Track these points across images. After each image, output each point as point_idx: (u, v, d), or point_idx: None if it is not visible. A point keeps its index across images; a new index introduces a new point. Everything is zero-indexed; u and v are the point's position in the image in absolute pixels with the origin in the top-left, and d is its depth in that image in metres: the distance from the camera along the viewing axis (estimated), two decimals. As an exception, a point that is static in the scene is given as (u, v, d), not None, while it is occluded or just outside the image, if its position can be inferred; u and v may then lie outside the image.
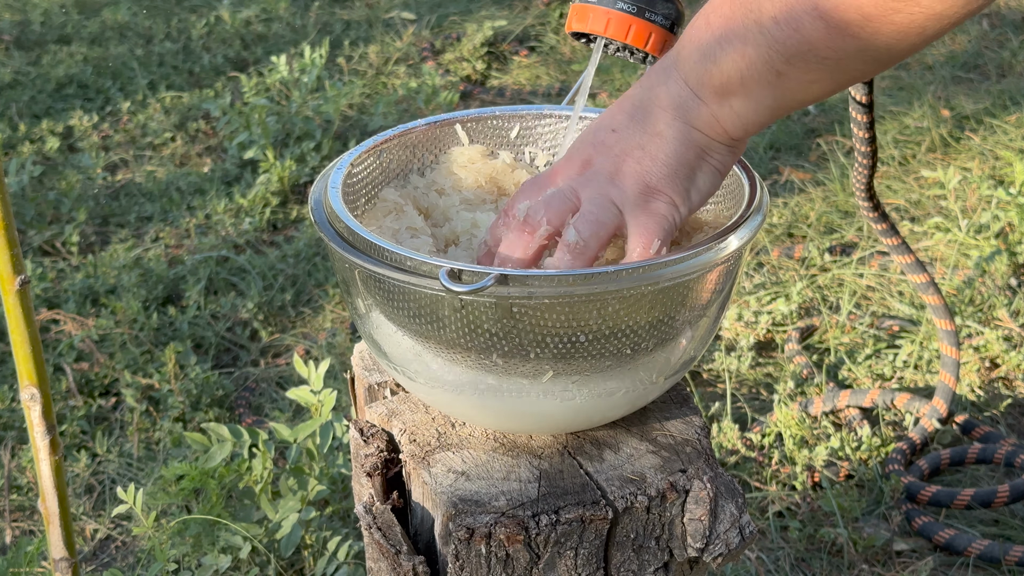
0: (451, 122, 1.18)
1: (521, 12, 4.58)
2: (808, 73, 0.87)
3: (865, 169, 1.84)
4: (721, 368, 2.45)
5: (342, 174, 1.06)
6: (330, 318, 2.75)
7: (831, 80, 0.89)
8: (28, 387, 1.29)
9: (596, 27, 1.07)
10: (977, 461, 2.20)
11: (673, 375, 1.02)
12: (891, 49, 0.85)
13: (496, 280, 0.88)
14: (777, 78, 0.88)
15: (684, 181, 0.94)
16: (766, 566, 1.96)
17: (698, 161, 0.94)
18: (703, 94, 0.92)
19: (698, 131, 0.93)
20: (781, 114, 0.93)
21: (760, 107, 0.91)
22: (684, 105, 0.93)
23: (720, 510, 0.99)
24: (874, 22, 0.83)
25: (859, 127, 1.75)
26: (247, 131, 3.38)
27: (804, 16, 0.84)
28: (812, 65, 0.87)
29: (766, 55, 0.87)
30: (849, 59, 0.86)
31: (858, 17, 0.83)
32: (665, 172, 0.93)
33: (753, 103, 0.91)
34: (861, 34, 0.84)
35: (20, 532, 2.14)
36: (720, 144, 0.94)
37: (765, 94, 0.90)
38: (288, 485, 1.82)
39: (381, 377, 1.13)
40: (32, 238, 3.09)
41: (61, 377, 2.51)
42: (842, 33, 0.84)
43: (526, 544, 0.94)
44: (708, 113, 0.92)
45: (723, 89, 0.91)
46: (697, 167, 0.94)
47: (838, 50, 0.85)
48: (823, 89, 0.90)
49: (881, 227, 1.96)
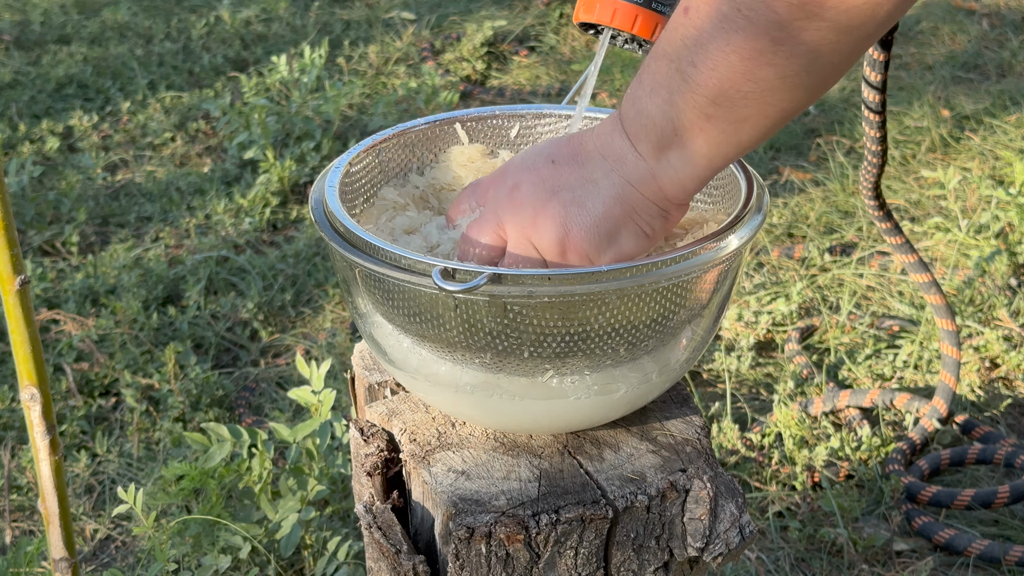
0: (451, 121, 1.18)
1: (521, 12, 4.58)
2: (735, 111, 0.87)
3: (874, 168, 1.83)
4: (721, 368, 2.45)
5: (340, 173, 1.06)
6: (330, 318, 2.75)
7: (761, 116, 0.88)
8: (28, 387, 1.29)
9: (603, 17, 1.07)
10: (977, 461, 2.20)
11: (673, 375, 1.02)
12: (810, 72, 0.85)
13: (489, 279, 0.88)
14: (707, 122, 0.88)
15: (605, 237, 0.93)
16: (766, 566, 1.96)
17: (625, 219, 0.93)
18: (642, 149, 0.91)
19: (633, 187, 0.92)
20: (718, 166, 0.92)
21: (696, 158, 0.90)
22: (623, 159, 0.92)
23: (720, 510, 0.99)
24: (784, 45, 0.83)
25: (871, 126, 1.74)
26: (247, 131, 3.38)
27: (718, 53, 0.85)
28: (737, 102, 0.86)
29: (692, 100, 0.87)
30: (773, 88, 0.86)
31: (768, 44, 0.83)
32: (587, 224, 0.92)
33: (689, 154, 0.90)
34: (775, 61, 0.84)
35: (20, 532, 2.14)
36: (654, 206, 0.93)
37: (699, 142, 0.89)
38: (288, 485, 1.82)
39: (381, 377, 1.13)
40: (32, 238, 3.09)
41: (61, 377, 2.51)
42: (757, 62, 0.84)
43: (526, 543, 0.94)
44: (646, 169, 0.92)
45: (659, 143, 0.90)
46: (623, 226, 0.93)
47: (758, 80, 0.85)
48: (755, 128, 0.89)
49: (885, 226, 1.96)
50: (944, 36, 4.13)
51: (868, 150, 1.80)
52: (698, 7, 0.85)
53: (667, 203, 0.93)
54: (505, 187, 0.96)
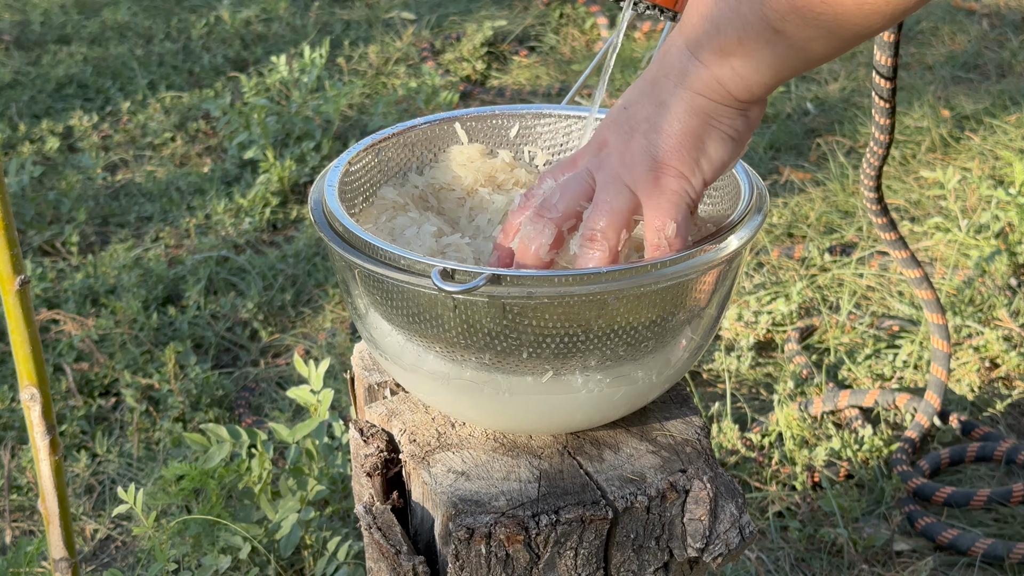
0: (450, 121, 1.18)
1: (521, 12, 4.58)
2: (805, 30, 0.86)
3: (878, 158, 1.83)
4: (721, 368, 2.45)
5: (339, 173, 1.06)
6: (330, 318, 2.75)
7: (831, 37, 0.86)
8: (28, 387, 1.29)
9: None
10: (976, 459, 2.20)
11: (673, 375, 1.02)
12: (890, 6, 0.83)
13: (488, 280, 0.88)
14: (775, 35, 0.87)
15: (692, 151, 0.92)
16: (766, 566, 1.96)
17: (705, 128, 0.92)
18: (702, 56, 0.90)
19: (701, 96, 0.91)
20: (786, 75, 0.90)
21: (761, 66, 0.89)
22: (684, 71, 0.91)
23: (720, 510, 0.99)
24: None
25: (881, 113, 1.73)
26: (247, 131, 3.38)
27: None
28: (809, 22, 0.85)
29: (761, 13, 0.86)
30: (847, 13, 0.84)
31: None
32: (671, 144, 0.91)
33: (754, 63, 0.89)
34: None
35: (20, 532, 2.14)
36: (727, 108, 0.92)
37: (765, 53, 0.88)
38: (288, 485, 1.82)
39: (381, 377, 1.13)
40: (32, 238, 3.09)
41: (61, 377, 2.51)
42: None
43: (526, 544, 0.94)
44: (709, 76, 0.90)
45: (721, 50, 0.89)
46: (704, 134, 0.92)
47: (834, 4, 0.84)
48: (825, 48, 0.88)
49: (882, 220, 1.97)
50: (944, 36, 4.13)
51: (874, 138, 1.79)
52: None
53: (740, 103, 0.92)
54: (592, 148, 0.96)
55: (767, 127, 3.56)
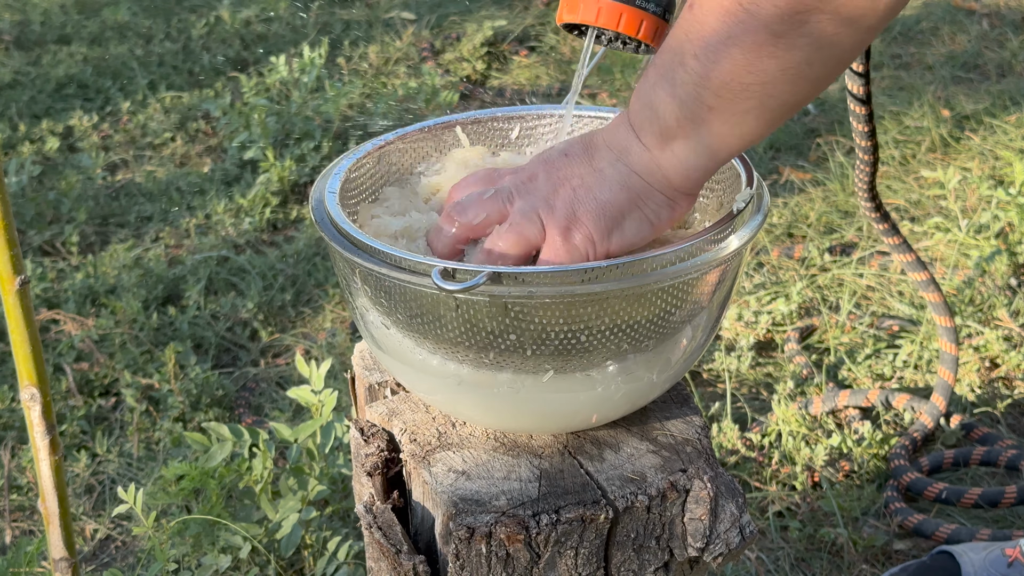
0: (451, 124, 1.18)
1: (521, 12, 4.58)
2: (737, 103, 0.89)
3: (867, 166, 1.84)
4: (721, 368, 2.45)
5: (340, 179, 1.06)
6: (330, 318, 2.75)
7: (763, 108, 0.89)
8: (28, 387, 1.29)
9: (587, 16, 1.07)
10: (981, 463, 2.20)
11: (673, 375, 1.02)
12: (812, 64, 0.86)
13: (489, 278, 0.88)
14: (709, 113, 0.89)
15: (609, 221, 0.94)
16: (766, 566, 1.96)
17: (630, 207, 0.95)
18: (647, 140, 0.93)
19: (637, 176, 0.94)
20: (723, 157, 0.94)
21: (700, 148, 0.92)
22: (628, 149, 0.94)
23: (720, 510, 0.99)
24: (785, 38, 0.85)
25: (858, 120, 1.75)
26: (247, 131, 3.38)
27: (720, 46, 0.86)
28: (739, 93, 0.88)
29: (694, 92, 0.89)
30: (774, 80, 0.87)
31: (769, 37, 0.85)
32: (593, 207, 0.94)
33: (692, 144, 0.92)
34: (776, 52, 0.85)
35: (20, 532, 2.14)
36: (659, 194, 0.95)
37: (702, 133, 0.91)
38: (288, 485, 1.82)
39: (381, 377, 1.13)
40: (32, 238, 3.09)
41: (61, 377, 2.51)
42: (759, 54, 0.86)
43: (526, 544, 0.94)
44: (649, 159, 0.94)
45: (662, 134, 0.92)
46: (628, 212, 0.95)
47: (759, 72, 0.86)
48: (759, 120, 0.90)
49: (883, 227, 1.97)
50: (944, 36, 4.13)
51: (859, 147, 1.81)
52: (702, 3, 0.87)
53: (674, 192, 0.95)
54: (522, 176, 0.99)
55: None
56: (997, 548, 1.85)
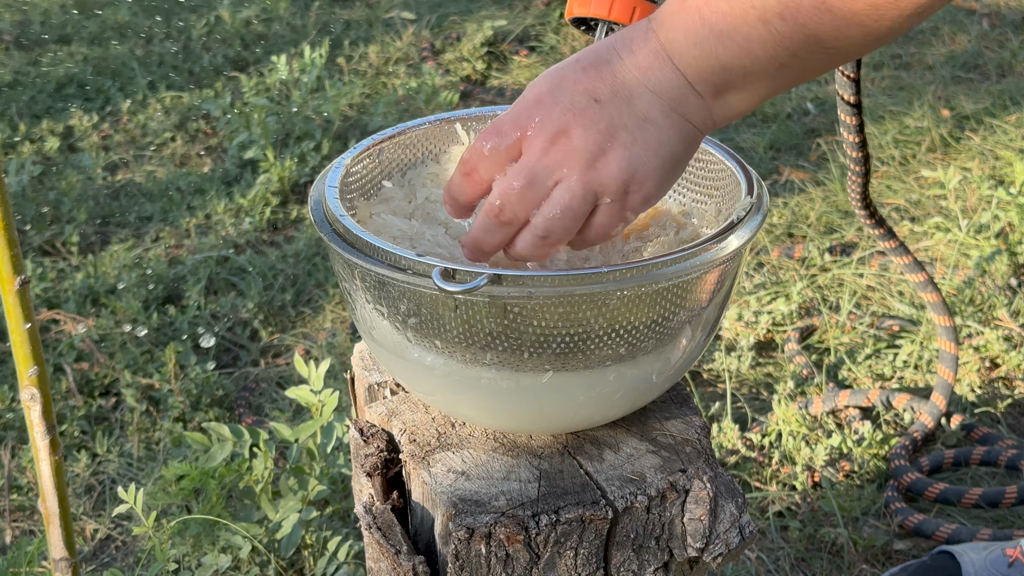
0: (451, 121, 1.18)
1: (521, 12, 4.58)
2: (809, 63, 0.88)
3: (859, 176, 1.84)
4: (721, 368, 2.45)
5: (340, 174, 1.06)
6: (330, 318, 2.75)
7: (829, 65, 0.89)
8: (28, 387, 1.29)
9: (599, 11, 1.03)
10: (981, 463, 2.20)
11: (673, 375, 1.02)
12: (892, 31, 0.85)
13: (489, 280, 0.88)
14: (780, 71, 0.88)
15: (670, 175, 0.92)
16: (766, 566, 1.96)
17: (687, 154, 0.92)
18: (703, 90, 0.89)
19: (692, 125, 0.91)
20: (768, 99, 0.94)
21: (754, 97, 0.91)
22: (682, 98, 0.89)
23: (720, 510, 0.99)
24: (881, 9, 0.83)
25: (849, 130, 1.75)
26: (247, 131, 3.38)
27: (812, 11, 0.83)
28: (816, 55, 0.87)
29: (772, 52, 0.86)
30: (852, 46, 0.86)
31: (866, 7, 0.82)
32: (656, 165, 0.90)
33: (749, 94, 0.91)
34: (867, 22, 0.84)
35: (20, 532, 2.14)
36: (703, 135, 0.94)
37: (764, 85, 0.90)
38: (288, 485, 1.82)
39: (381, 377, 1.13)
40: (32, 238, 3.09)
41: (61, 377, 2.51)
42: (849, 23, 0.84)
43: (526, 544, 0.94)
44: (705, 108, 0.91)
45: (724, 85, 0.89)
46: (684, 160, 0.93)
47: (844, 39, 0.85)
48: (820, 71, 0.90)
49: (879, 232, 1.97)
50: (944, 36, 4.13)
51: (849, 157, 1.81)
52: None
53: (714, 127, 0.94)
54: (547, 131, 0.89)
55: (767, 127, 3.56)
56: (997, 548, 1.85)
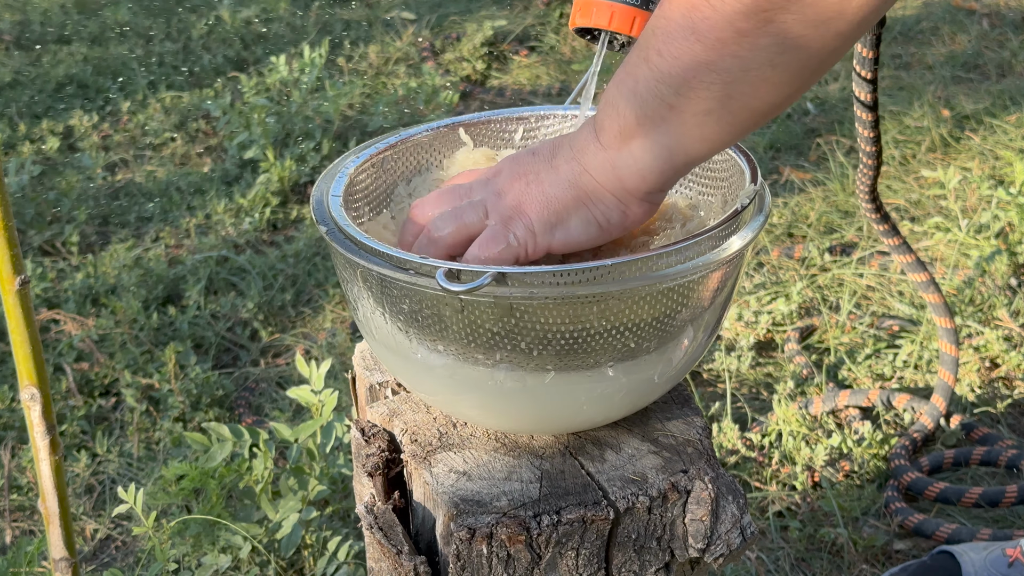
0: (454, 127, 1.18)
1: (521, 12, 4.58)
2: (698, 102, 0.86)
3: (870, 171, 1.84)
4: (721, 368, 2.45)
5: (344, 183, 1.06)
6: (330, 318, 2.75)
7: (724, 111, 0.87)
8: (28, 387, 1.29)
9: (600, 21, 1.07)
10: (981, 463, 2.20)
11: (674, 375, 1.02)
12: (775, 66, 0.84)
13: (493, 279, 0.88)
14: (669, 112, 0.88)
15: (553, 216, 0.94)
16: (766, 566, 1.96)
17: (577, 205, 0.94)
18: (604, 139, 0.92)
19: (589, 175, 0.93)
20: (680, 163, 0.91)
21: (658, 148, 0.90)
22: (585, 148, 0.94)
23: (721, 510, 0.99)
24: (748, 37, 0.82)
25: (864, 126, 1.75)
26: (247, 131, 3.38)
27: (682, 42, 0.84)
28: (699, 91, 0.86)
29: (655, 89, 0.87)
30: (736, 80, 0.85)
31: (732, 34, 0.82)
32: (540, 200, 0.94)
33: (650, 144, 0.90)
34: (740, 51, 0.83)
35: (20, 532, 2.14)
36: (610, 196, 0.93)
37: (660, 132, 0.89)
38: (288, 485, 1.82)
39: (382, 377, 1.13)
40: (32, 238, 3.09)
41: (61, 377, 2.51)
42: (721, 52, 0.83)
43: (527, 544, 0.94)
44: (604, 158, 0.92)
45: (622, 132, 0.90)
46: (574, 211, 0.94)
47: (722, 71, 0.84)
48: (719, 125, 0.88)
49: (883, 228, 1.97)
50: (944, 36, 4.13)
51: (863, 151, 1.81)
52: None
53: (627, 195, 0.93)
54: (488, 174, 1.00)
55: (767, 127, 3.56)
56: (998, 548, 1.85)
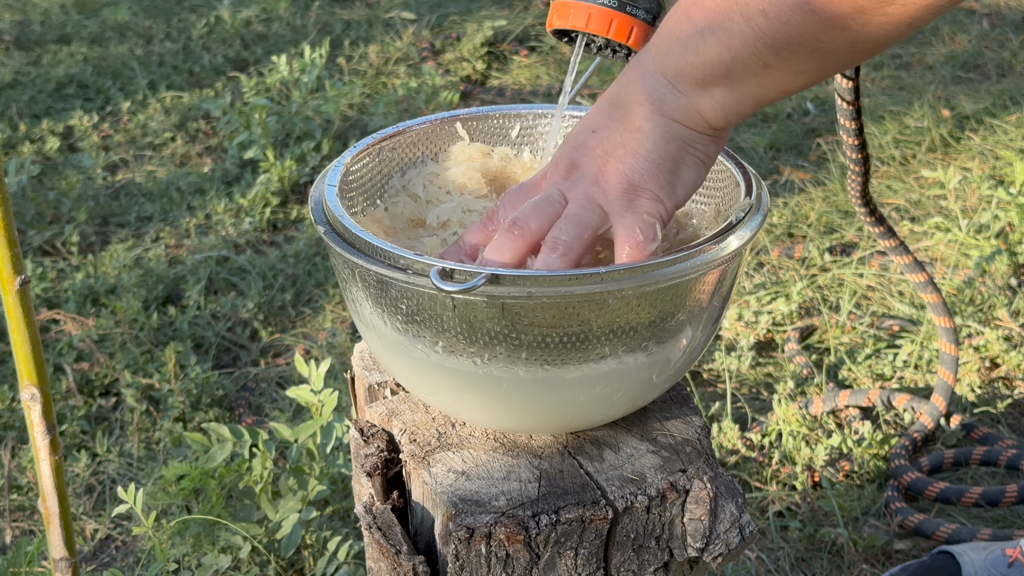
0: (452, 120, 1.18)
1: (521, 12, 4.58)
2: (796, 64, 0.87)
3: (859, 176, 1.84)
4: (721, 368, 2.45)
5: (340, 172, 1.06)
6: (330, 318, 2.75)
7: (818, 70, 0.88)
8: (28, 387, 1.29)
9: (577, 23, 1.07)
10: (981, 463, 2.20)
11: (673, 375, 1.02)
12: (880, 39, 0.84)
13: (487, 280, 0.88)
14: (764, 70, 0.87)
15: (667, 175, 0.93)
16: (766, 566, 1.96)
17: (681, 154, 0.93)
18: (682, 86, 0.91)
19: (678, 123, 0.92)
20: (765, 104, 0.92)
21: (743, 97, 0.90)
22: (662, 98, 0.92)
23: (720, 510, 0.99)
24: (867, 14, 0.82)
25: (848, 134, 1.75)
26: (247, 131, 3.38)
27: (794, 9, 0.83)
28: (801, 57, 0.86)
29: (753, 48, 0.86)
30: (839, 50, 0.85)
31: (850, 10, 0.82)
32: (647, 168, 0.92)
33: (736, 94, 0.90)
34: (853, 26, 0.83)
35: (20, 532, 2.14)
36: (702, 135, 0.93)
37: (751, 85, 0.89)
38: (288, 485, 1.82)
39: (381, 377, 1.13)
40: (32, 238, 3.09)
41: (61, 377, 2.51)
42: (834, 26, 0.83)
43: (526, 544, 0.94)
44: (687, 104, 0.91)
45: (705, 80, 0.90)
46: (680, 160, 0.93)
47: (829, 42, 0.84)
48: (809, 79, 0.89)
49: (879, 230, 1.97)
50: (944, 36, 4.13)
51: (849, 159, 1.80)
52: None
53: (711, 130, 0.93)
54: (560, 172, 0.96)
55: (767, 127, 3.56)
56: (997, 548, 1.85)
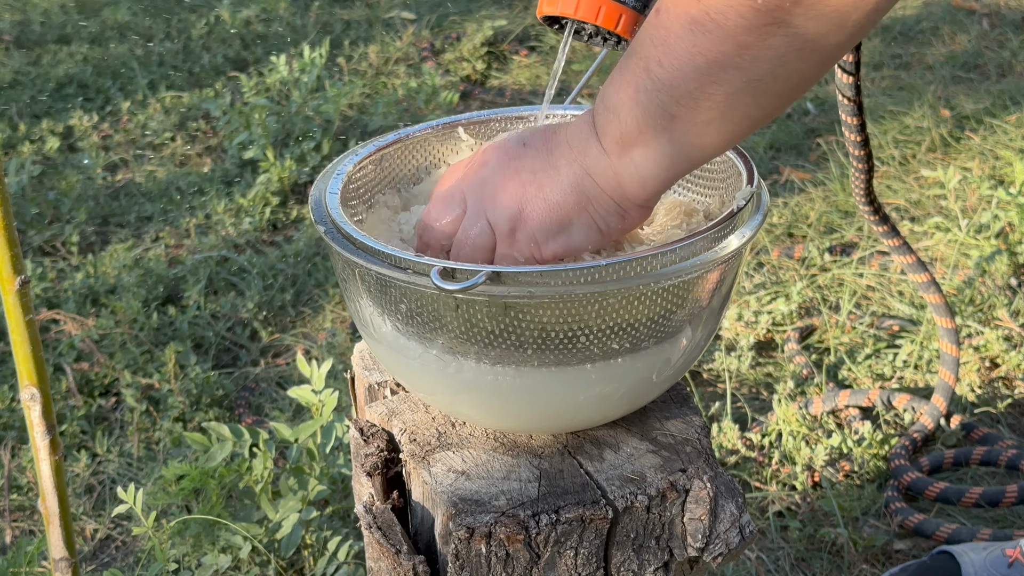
0: (453, 125, 1.18)
1: (521, 12, 4.58)
2: (700, 112, 0.87)
3: (862, 174, 1.84)
4: (721, 368, 2.45)
5: (341, 181, 1.06)
6: (330, 318, 2.75)
7: (726, 120, 0.88)
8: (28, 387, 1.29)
9: (566, 9, 1.06)
10: (981, 463, 2.20)
11: (673, 374, 1.02)
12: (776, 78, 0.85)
13: (488, 278, 0.88)
14: (671, 122, 0.88)
15: (555, 224, 0.94)
16: (766, 566, 1.96)
17: (579, 211, 0.94)
18: (606, 143, 0.92)
19: (592, 179, 0.93)
20: (681, 170, 0.92)
21: (659, 157, 0.90)
22: (587, 150, 0.93)
23: (720, 510, 0.99)
24: (750, 50, 0.83)
25: (850, 130, 1.75)
26: (247, 131, 3.38)
27: (684, 55, 0.85)
28: (701, 103, 0.86)
29: (657, 99, 0.87)
30: (737, 93, 0.86)
31: (735, 48, 0.83)
32: (541, 207, 0.93)
33: (652, 153, 0.90)
34: (741, 64, 0.84)
35: (20, 532, 2.14)
36: (611, 201, 0.93)
37: (662, 142, 0.89)
38: (288, 485, 1.82)
39: (381, 377, 1.13)
40: (32, 238, 3.09)
41: (61, 377, 2.51)
42: (722, 65, 0.84)
43: (526, 544, 0.94)
44: (607, 164, 0.92)
45: (623, 139, 0.90)
46: (576, 216, 0.94)
47: (724, 83, 0.85)
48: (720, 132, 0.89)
49: (882, 229, 1.97)
50: (944, 36, 4.13)
51: (852, 156, 1.81)
52: (668, 8, 0.86)
53: (626, 201, 0.94)
54: (477, 160, 0.99)
55: (767, 127, 3.56)
56: (997, 548, 1.85)
